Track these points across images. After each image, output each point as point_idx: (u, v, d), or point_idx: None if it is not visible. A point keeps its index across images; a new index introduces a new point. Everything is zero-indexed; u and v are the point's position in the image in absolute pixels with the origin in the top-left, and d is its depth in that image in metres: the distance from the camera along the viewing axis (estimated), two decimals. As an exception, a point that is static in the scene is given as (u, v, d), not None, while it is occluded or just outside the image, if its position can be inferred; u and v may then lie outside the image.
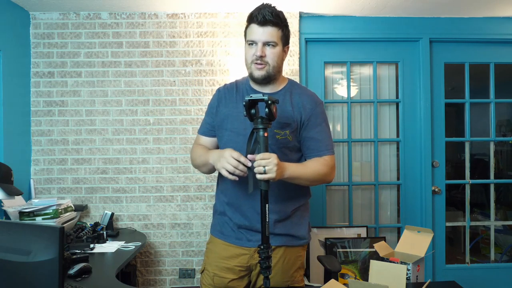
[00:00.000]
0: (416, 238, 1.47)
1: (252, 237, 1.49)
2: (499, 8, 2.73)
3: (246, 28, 1.47)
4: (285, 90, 1.53)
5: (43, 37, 2.75)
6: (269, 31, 1.41)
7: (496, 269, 3.00)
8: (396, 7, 2.70)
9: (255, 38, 1.42)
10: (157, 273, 2.78)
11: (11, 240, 1.13)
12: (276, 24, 1.42)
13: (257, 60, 1.42)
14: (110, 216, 2.55)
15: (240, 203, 1.49)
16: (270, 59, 1.43)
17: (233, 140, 1.48)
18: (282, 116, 1.45)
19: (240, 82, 1.58)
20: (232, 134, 1.49)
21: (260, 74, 1.45)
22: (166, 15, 2.77)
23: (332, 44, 2.93)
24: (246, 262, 1.50)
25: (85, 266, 1.71)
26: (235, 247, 1.51)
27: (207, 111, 1.62)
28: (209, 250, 1.60)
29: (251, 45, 1.44)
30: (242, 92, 1.53)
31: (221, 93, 1.58)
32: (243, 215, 1.49)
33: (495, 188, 3.10)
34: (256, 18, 1.40)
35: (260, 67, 1.43)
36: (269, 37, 1.41)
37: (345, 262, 2.70)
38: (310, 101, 1.51)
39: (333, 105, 3.04)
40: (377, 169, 2.96)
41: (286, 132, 1.47)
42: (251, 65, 1.45)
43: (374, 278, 1.23)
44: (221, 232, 1.55)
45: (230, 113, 1.51)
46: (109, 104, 2.77)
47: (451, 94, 3.36)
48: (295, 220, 1.54)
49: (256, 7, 1.43)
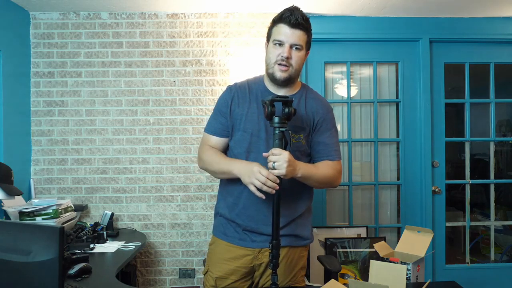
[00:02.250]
0: (416, 238, 1.47)
1: (256, 237, 1.49)
2: (499, 8, 2.72)
3: (272, 28, 1.46)
4: (300, 94, 1.53)
5: (43, 37, 2.75)
6: (298, 34, 1.41)
7: (496, 269, 3.00)
8: (396, 7, 2.70)
9: (284, 39, 1.41)
10: (157, 273, 2.78)
11: (11, 240, 1.13)
12: (306, 29, 1.43)
13: (283, 61, 1.41)
14: (110, 216, 2.55)
15: (246, 205, 1.48)
16: (295, 62, 1.43)
17: (245, 139, 1.47)
18: (297, 119, 1.46)
19: (253, 82, 1.55)
20: (245, 134, 1.47)
21: (283, 75, 1.43)
22: (166, 15, 2.77)
23: (332, 44, 2.93)
24: (250, 263, 1.50)
25: (85, 266, 1.71)
26: (239, 248, 1.50)
27: (219, 109, 1.54)
28: (212, 251, 1.59)
29: (277, 45, 1.43)
30: (256, 93, 1.51)
31: (233, 92, 1.53)
32: (249, 218, 1.48)
33: (495, 188, 3.10)
34: (288, 20, 1.40)
35: (285, 69, 1.42)
36: (297, 40, 1.41)
37: (345, 262, 2.70)
38: (322, 106, 1.54)
39: (333, 105, 3.03)
40: (377, 169, 2.96)
41: (300, 136, 1.47)
42: (274, 65, 1.43)
43: (374, 278, 1.23)
44: (224, 234, 1.54)
45: (244, 113, 1.49)
46: (109, 104, 2.77)
47: (451, 94, 3.36)
48: (301, 221, 1.54)
49: (285, 9, 1.43)
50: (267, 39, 1.50)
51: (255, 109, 1.48)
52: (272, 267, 1.27)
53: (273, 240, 1.28)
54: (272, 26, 1.47)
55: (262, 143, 1.46)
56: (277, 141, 1.28)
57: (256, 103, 1.49)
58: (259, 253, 1.49)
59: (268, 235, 1.39)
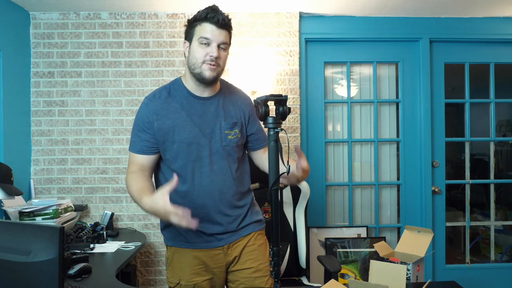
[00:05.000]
0: (416, 238, 1.47)
1: (222, 236, 1.47)
2: (499, 8, 2.73)
3: (195, 27, 1.42)
4: (222, 91, 1.53)
5: (43, 37, 2.75)
6: (224, 34, 1.41)
7: (496, 269, 3.00)
8: (396, 7, 2.70)
9: (212, 38, 1.39)
10: (157, 273, 2.78)
11: (11, 240, 1.13)
12: (230, 29, 1.45)
13: (212, 61, 1.39)
14: (110, 216, 2.55)
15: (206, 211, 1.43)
16: (222, 61, 1.43)
17: (184, 151, 1.42)
18: (229, 116, 1.48)
19: (173, 89, 1.49)
20: (182, 144, 1.42)
21: (212, 75, 1.40)
22: (166, 15, 2.77)
23: (332, 44, 2.93)
24: (223, 260, 1.49)
25: (85, 266, 1.71)
26: (207, 250, 1.47)
27: (139, 127, 1.45)
28: (177, 262, 1.49)
29: (203, 45, 1.40)
30: (180, 99, 1.46)
31: (152, 106, 1.44)
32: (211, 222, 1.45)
33: (495, 188, 3.10)
34: (216, 19, 1.38)
35: (214, 68, 1.40)
36: (225, 39, 1.41)
37: (345, 262, 2.70)
38: (245, 98, 1.58)
39: (333, 105, 3.04)
40: (377, 169, 2.96)
41: (236, 131, 1.48)
42: (202, 64, 1.40)
43: (374, 278, 1.23)
44: (187, 241, 1.48)
45: (175, 123, 1.42)
46: (109, 104, 2.77)
47: (451, 94, 3.35)
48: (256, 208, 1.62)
49: (207, 8, 1.41)
50: (187, 38, 1.46)
51: (186, 116, 1.43)
52: (274, 276, 1.24)
53: (273, 247, 1.25)
54: (194, 25, 1.43)
55: (205, 149, 1.43)
56: (272, 143, 1.20)
57: (184, 110, 1.44)
58: (229, 249, 1.49)
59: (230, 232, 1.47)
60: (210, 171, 1.43)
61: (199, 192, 1.43)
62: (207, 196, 1.43)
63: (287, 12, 2.76)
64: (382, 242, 1.48)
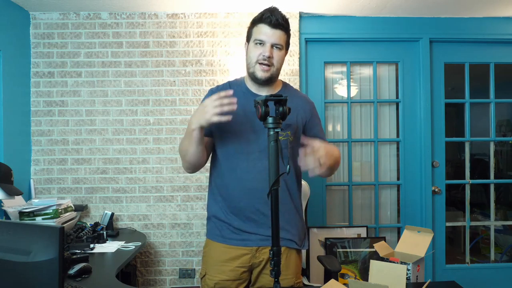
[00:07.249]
0: (416, 238, 1.47)
1: (252, 237, 1.48)
2: (499, 8, 2.73)
3: (252, 28, 1.48)
4: (282, 92, 1.54)
5: (43, 37, 2.75)
6: (278, 34, 1.43)
7: (496, 269, 3.00)
8: (396, 7, 2.70)
9: (265, 38, 1.43)
10: (157, 273, 2.78)
11: (11, 240, 1.13)
12: (285, 29, 1.46)
13: (265, 60, 1.43)
14: (110, 216, 2.55)
15: (242, 206, 1.47)
16: (276, 61, 1.45)
17: (233, 143, 1.47)
18: None
19: (234, 84, 1.56)
20: (233, 136, 1.48)
21: (264, 75, 1.45)
22: (166, 15, 2.77)
23: (332, 44, 2.93)
24: (248, 261, 1.50)
25: (85, 266, 1.71)
26: (236, 248, 1.50)
27: None
28: (207, 255, 1.57)
29: (258, 45, 1.44)
30: (238, 92, 1.50)
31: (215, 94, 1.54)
32: (242, 218, 1.47)
33: (495, 188, 3.10)
34: (269, 20, 1.42)
35: (267, 68, 1.44)
36: (278, 40, 1.44)
37: (345, 262, 2.69)
38: (306, 103, 1.58)
39: (333, 105, 3.04)
40: (377, 169, 2.96)
41: (287, 133, 1.48)
42: (255, 64, 1.45)
43: (374, 278, 1.23)
44: (221, 236, 1.53)
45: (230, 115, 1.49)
46: (109, 104, 2.77)
47: (451, 94, 3.36)
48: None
49: (265, 9, 1.46)
50: (247, 39, 1.52)
51: (240, 110, 1.46)
52: (274, 276, 1.24)
53: (273, 247, 1.25)
54: (252, 26, 1.49)
55: (253, 145, 1.46)
56: (272, 143, 1.21)
57: (240, 105, 1.45)
58: (257, 252, 1.49)
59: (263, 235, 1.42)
60: (253, 167, 1.44)
61: (238, 186, 1.45)
62: (245, 192, 1.44)
63: (287, 12, 2.75)
64: (382, 242, 1.48)
